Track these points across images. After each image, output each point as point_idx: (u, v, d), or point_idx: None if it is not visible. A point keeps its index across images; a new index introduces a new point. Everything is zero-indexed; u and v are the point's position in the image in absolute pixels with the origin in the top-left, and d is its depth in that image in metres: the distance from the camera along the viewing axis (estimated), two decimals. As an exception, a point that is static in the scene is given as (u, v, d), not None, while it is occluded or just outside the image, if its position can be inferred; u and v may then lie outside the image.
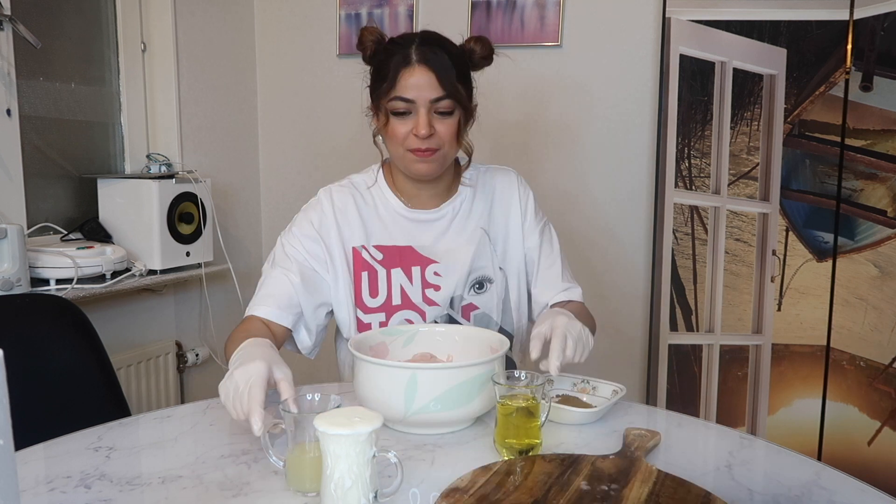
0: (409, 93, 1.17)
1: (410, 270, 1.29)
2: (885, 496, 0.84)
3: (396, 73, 1.18)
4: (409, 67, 1.18)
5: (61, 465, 0.92)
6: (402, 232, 1.30)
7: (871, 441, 1.88)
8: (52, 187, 2.03)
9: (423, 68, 1.17)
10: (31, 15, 1.91)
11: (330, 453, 0.75)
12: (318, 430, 0.74)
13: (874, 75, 1.84)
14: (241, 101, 2.54)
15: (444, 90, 1.18)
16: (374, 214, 1.31)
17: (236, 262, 2.36)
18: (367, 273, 1.28)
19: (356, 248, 1.29)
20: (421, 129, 1.17)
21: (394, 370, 0.97)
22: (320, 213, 1.30)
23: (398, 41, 1.22)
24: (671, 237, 2.06)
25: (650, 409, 1.32)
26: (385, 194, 1.32)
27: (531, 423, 0.94)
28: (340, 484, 0.74)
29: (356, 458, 0.74)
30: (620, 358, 2.29)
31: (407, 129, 1.19)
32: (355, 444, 0.74)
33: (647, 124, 2.20)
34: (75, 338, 1.36)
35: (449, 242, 1.31)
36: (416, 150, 1.20)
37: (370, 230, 1.30)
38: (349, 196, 1.31)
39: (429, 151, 1.20)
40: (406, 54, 1.18)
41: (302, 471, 0.83)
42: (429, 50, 1.18)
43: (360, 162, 1.42)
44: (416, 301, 1.28)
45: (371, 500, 0.76)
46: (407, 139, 1.20)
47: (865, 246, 1.88)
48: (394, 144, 1.23)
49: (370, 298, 1.28)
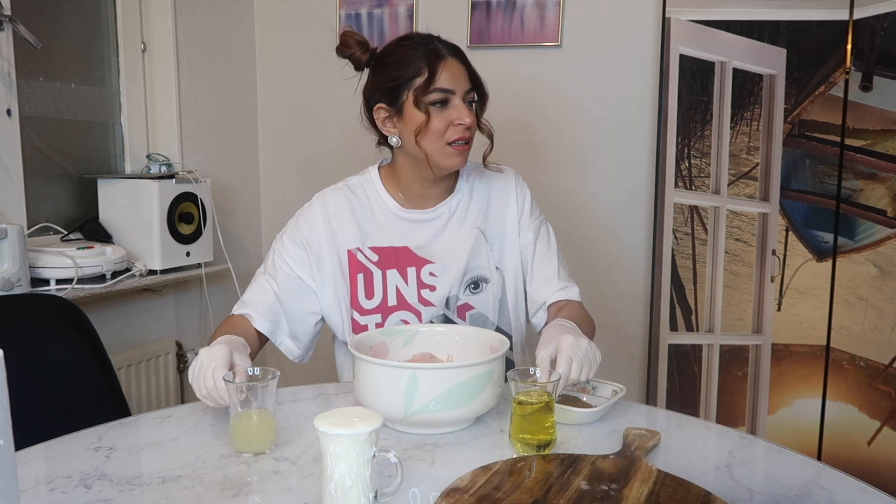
0: (448, 83, 1.20)
1: (406, 271, 1.29)
2: (885, 496, 0.84)
3: (434, 66, 1.19)
4: (444, 60, 1.20)
5: (61, 465, 0.92)
6: (397, 232, 1.30)
7: (871, 441, 1.88)
8: (52, 187, 2.03)
9: (455, 60, 1.21)
10: (31, 15, 1.91)
11: (330, 453, 0.75)
12: (319, 430, 0.75)
13: (874, 75, 1.84)
14: (241, 101, 2.54)
15: (472, 81, 1.23)
16: (370, 216, 1.31)
17: (236, 262, 2.36)
18: (363, 275, 1.29)
19: (351, 251, 1.29)
20: (466, 118, 1.20)
21: (394, 370, 0.97)
22: (310, 220, 1.31)
23: (416, 38, 1.24)
24: (671, 237, 2.06)
25: (650, 409, 1.32)
26: (380, 195, 1.32)
27: (547, 419, 0.94)
28: (340, 484, 0.75)
29: (356, 458, 0.75)
30: (620, 358, 2.29)
31: (446, 121, 1.21)
32: (355, 444, 0.74)
33: (647, 124, 2.20)
34: (75, 338, 1.36)
35: (444, 242, 1.31)
36: (458, 141, 1.21)
37: (365, 232, 1.30)
38: (344, 199, 1.32)
39: (466, 144, 1.23)
40: (435, 49, 1.21)
41: (250, 434, 0.95)
42: (449, 43, 1.23)
43: (360, 162, 1.42)
44: (411, 302, 1.28)
45: (371, 499, 0.76)
46: (447, 132, 1.21)
47: (865, 246, 1.88)
48: (433, 140, 1.21)
49: (366, 300, 1.29)
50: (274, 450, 0.96)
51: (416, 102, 1.20)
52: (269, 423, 0.96)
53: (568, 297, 1.31)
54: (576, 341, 1.02)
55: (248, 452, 0.95)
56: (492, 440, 1.00)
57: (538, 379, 0.98)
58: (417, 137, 1.21)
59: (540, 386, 0.95)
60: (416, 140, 1.21)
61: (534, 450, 0.94)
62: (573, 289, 1.33)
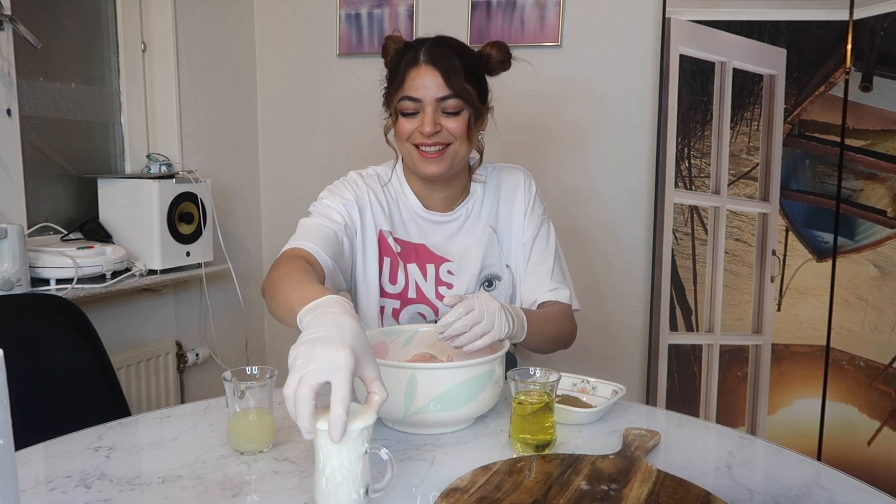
0: (416, 92, 1.20)
1: (425, 267, 1.31)
2: (885, 496, 0.84)
3: (405, 73, 1.21)
4: (416, 67, 1.20)
5: (61, 465, 0.92)
6: (417, 230, 1.33)
7: (870, 441, 1.88)
8: (52, 187, 2.03)
9: (429, 68, 1.20)
10: (31, 15, 1.91)
11: (322, 449, 0.76)
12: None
13: (874, 75, 1.84)
14: (241, 101, 2.54)
15: (450, 89, 1.20)
16: (396, 208, 1.33)
17: (236, 262, 2.36)
18: (390, 260, 1.31)
19: (383, 232, 1.31)
20: (426, 127, 1.20)
21: (394, 370, 0.97)
22: (356, 186, 1.31)
23: (412, 44, 1.25)
24: (671, 237, 2.06)
25: (650, 409, 1.32)
26: (405, 191, 1.34)
27: (547, 419, 0.94)
28: (332, 479, 0.76)
29: (347, 453, 0.75)
30: (620, 358, 2.29)
31: (413, 127, 1.22)
32: (346, 440, 0.74)
33: (647, 124, 2.20)
34: (75, 338, 1.36)
35: (461, 242, 1.33)
36: (422, 147, 1.22)
37: (392, 221, 1.32)
38: (377, 183, 1.34)
39: (436, 151, 1.22)
40: (415, 55, 1.21)
41: (248, 433, 0.95)
42: (437, 51, 1.21)
43: (361, 162, 1.42)
44: (430, 297, 1.31)
45: (362, 495, 0.77)
46: (412, 136, 1.23)
47: (865, 246, 1.88)
48: (401, 142, 1.26)
49: (389, 284, 1.31)
50: (273, 449, 0.96)
51: (389, 105, 1.26)
52: (268, 422, 0.96)
53: (557, 298, 1.32)
54: (489, 298, 1.05)
55: (246, 452, 0.95)
56: (492, 440, 1.00)
57: (538, 379, 0.98)
58: (390, 137, 1.29)
59: (540, 386, 0.95)
60: (389, 140, 1.29)
61: (534, 450, 0.94)
62: (563, 291, 1.33)
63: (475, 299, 1.04)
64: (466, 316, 1.02)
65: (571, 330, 1.33)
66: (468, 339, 1.02)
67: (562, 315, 1.30)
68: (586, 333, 2.26)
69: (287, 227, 1.30)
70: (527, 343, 1.17)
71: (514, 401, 0.95)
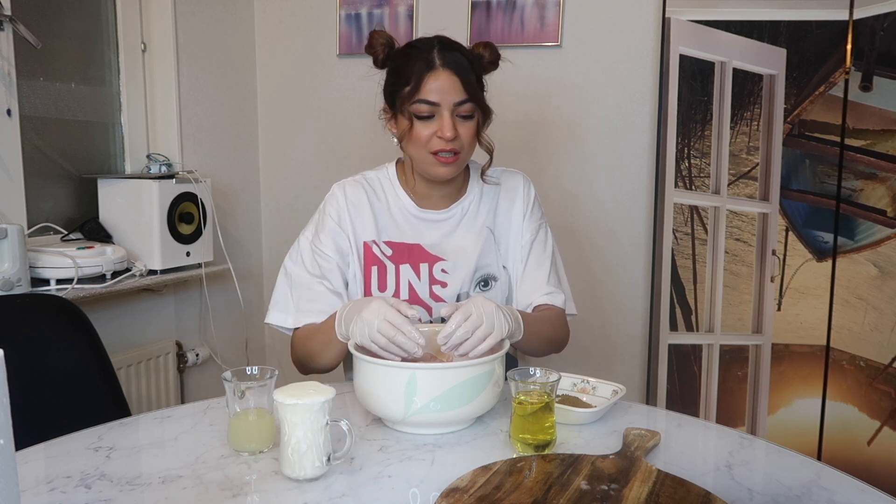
0: (434, 96, 1.20)
1: (419, 267, 1.31)
2: (885, 496, 0.84)
3: (421, 76, 1.20)
4: (433, 71, 1.20)
5: (61, 465, 0.92)
6: (411, 229, 1.33)
7: (870, 441, 1.88)
8: (52, 187, 2.03)
9: (447, 72, 1.20)
10: (31, 15, 1.91)
11: (287, 421, 0.85)
12: (276, 401, 0.86)
13: (874, 75, 1.84)
14: (241, 101, 2.54)
15: (466, 94, 1.21)
16: (386, 211, 1.33)
17: (236, 262, 2.36)
18: (377, 268, 1.31)
19: (367, 243, 1.31)
20: (447, 132, 1.20)
21: (394, 370, 0.97)
22: (337, 206, 1.32)
23: (418, 45, 1.25)
24: (671, 237, 2.06)
25: (650, 409, 1.32)
26: (397, 192, 1.34)
27: (547, 419, 0.94)
28: (297, 448, 0.85)
29: (311, 425, 0.85)
30: (620, 358, 2.29)
31: (430, 131, 1.21)
32: (309, 412, 0.85)
33: (647, 124, 2.20)
34: (75, 338, 1.36)
35: (456, 241, 1.33)
36: (440, 153, 1.22)
37: (381, 226, 1.32)
38: (362, 191, 1.33)
39: (453, 155, 1.22)
40: (429, 58, 1.21)
41: (248, 433, 0.96)
42: (450, 54, 1.21)
43: (361, 162, 1.43)
44: (423, 297, 1.30)
45: (324, 462, 0.87)
46: (430, 142, 1.22)
47: (865, 246, 1.88)
48: (416, 148, 1.24)
49: (378, 293, 1.31)
50: (273, 449, 0.96)
51: (401, 109, 1.23)
52: (268, 422, 0.96)
53: (552, 302, 1.32)
54: (483, 300, 1.06)
55: (246, 451, 0.95)
56: (492, 440, 1.00)
57: (538, 379, 0.98)
58: (402, 143, 1.26)
59: (540, 386, 0.95)
60: (402, 145, 1.27)
61: (534, 450, 0.94)
62: (559, 295, 1.34)
63: (471, 304, 1.05)
64: (466, 322, 1.02)
65: (565, 334, 1.34)
66: (472, 344, 1.03)
67: (556, 319, 1.31)
68: (586, 334, 2.26)
69: (287, 227, 1.31)
70: (521, 344, 1.18)
71: (515, 401, 0.95)
